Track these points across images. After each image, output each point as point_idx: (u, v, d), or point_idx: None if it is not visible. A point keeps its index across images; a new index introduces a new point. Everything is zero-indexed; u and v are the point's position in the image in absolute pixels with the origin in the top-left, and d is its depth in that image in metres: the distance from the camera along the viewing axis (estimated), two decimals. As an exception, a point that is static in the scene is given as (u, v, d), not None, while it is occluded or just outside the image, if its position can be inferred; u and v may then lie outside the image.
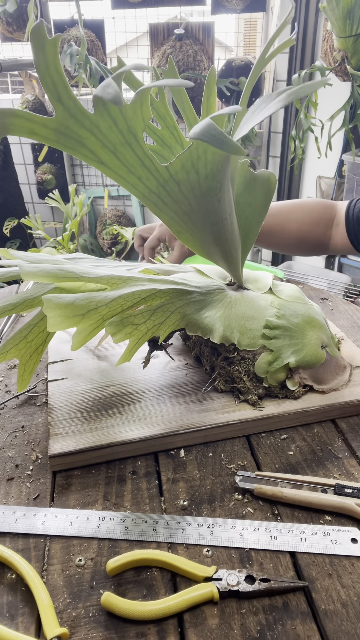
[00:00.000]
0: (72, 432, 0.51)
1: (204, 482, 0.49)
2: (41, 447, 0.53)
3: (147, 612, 0.37)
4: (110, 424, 0.52)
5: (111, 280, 0.51)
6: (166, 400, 0.56)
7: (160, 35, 2.23)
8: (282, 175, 2.32)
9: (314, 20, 1.96)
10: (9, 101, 2.60)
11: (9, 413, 0.58)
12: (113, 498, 0.47)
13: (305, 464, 0.51)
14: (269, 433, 0.55)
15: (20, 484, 0.49)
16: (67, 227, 1.64)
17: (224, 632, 0.37)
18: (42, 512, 0.45)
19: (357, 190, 1.78)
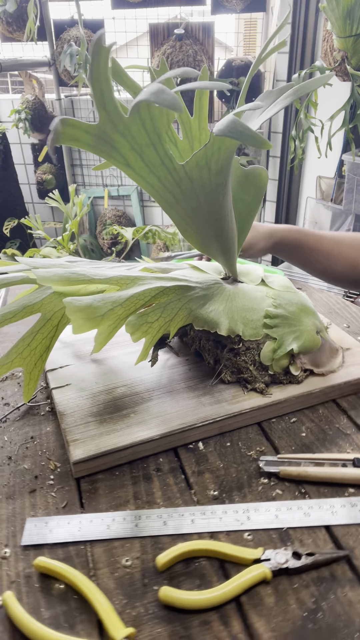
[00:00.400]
0: (90, 437, 0.51)
1: (229, 470, 0.50)
2: (57, 456, 0.52)
3: (207, 600, 0.38)
4: (127, 425, 0.52)
5: (120, 281, 0.52)
6: (176, 396, 0.57)
7: (160, 35, 2.23)
8: (282, 175, 2.32)
9: (314, 20, 1.96)
10: (9, 101, 2.60)
11: (13, 425, 0.56)
12: (144, 497, 0.47)
13: (318, 443, 0.54)
14: (279, 418, 0.57)
15: (45, 494, 0.48)
16: (67, 227, 1.64)
17: (283, 609, 0.38)
18: (76, 519, 0.45)
19: (357, 190, 1.78)
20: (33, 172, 2.69)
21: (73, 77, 2.37)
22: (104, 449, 0.49)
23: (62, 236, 1.66)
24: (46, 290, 0.52)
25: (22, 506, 0.46)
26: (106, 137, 0.44)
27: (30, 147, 2.62)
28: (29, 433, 0.55)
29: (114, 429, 0.52)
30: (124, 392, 0.57)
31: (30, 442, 0.54)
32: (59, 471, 0.50)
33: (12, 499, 0.47)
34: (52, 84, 2.49)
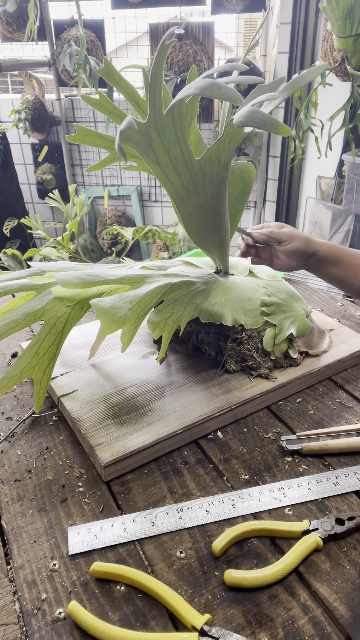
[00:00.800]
0: (114, 439, 0.51)
1: (253, 454, 0.53)
2: (79, 463, 0.51)
3: (270, 575, 0.40)
4: (147, 422, 0.53)
5: (132, 280, 0.53)
6: (187, 390, 0.58)
7: (160, 35, 2.23)
8: (282, 175, 2.32)
9: (314, 20, 1.96)
10: (9, 101, 2.60)
11: (23, 438, 0.55)
12: (179, 490, 0.48)
13: (327, 418, 0.58)
14: (285, 400, 0.61)
15: (78, 502, 0.47)
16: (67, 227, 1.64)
17: (339, 571, 0.41)
18: (118, 520, 0.45)
19: (357, 190, 1.78)
20: (33, 172, 2.69)
21: (73, 77, 2.36)
22: (131, 449, 0.49)
23: (62, 236, 1.66)
24: (46, 296, 0.51)
25: (57, 517, 0.46)
26: (147, 134, 0.45)
27: (30, 147, 2.62)
28: (42, 444, 0.54)
29: (135, 428, 0.52)
30: (134, 392, 0.58)
31: (46, 452, 0.53)
32: (86, 477, 0.50)
33: (45, 511, 0.46)
34: (52, 84, 2.49)
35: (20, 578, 0.40)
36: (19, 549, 0.42)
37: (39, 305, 0.51)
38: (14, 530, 0.44)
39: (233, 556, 0.42)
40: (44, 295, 0.52)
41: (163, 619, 0.38)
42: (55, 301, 0.51)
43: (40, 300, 0.51)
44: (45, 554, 0.42)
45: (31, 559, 0.42)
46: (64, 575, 0.41)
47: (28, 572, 0.40)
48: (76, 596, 0.39)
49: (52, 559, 0.42)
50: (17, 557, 0.42)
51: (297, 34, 2.01)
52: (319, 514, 0.46)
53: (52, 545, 0.43)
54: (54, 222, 2.61)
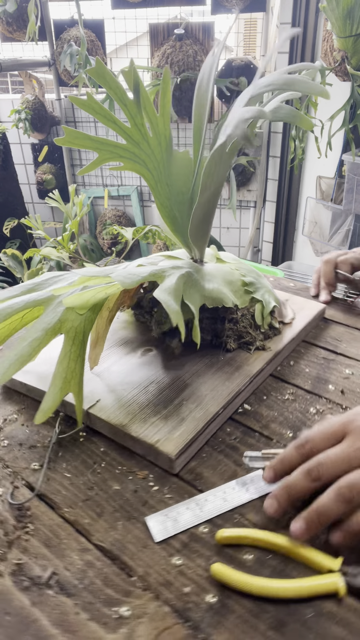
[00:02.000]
0: (168, 432, 0.51)
1: (285, 415, 0.57)
2: (137, 466, 0.50)
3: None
4: (189, 410, 0.54)
5: (156, 275, 0.54)
6: (203, 374, 0.60)
7: (160, 35, 2.23)
8: (282, 175, 2.32)
9: (314, 20, 1.96)
10: (9, 101, 2.60)
11: (62, 462, 0.50)
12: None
13: (322, 372, 0.64)
14: (281, 366, 0.66)
15: (160, 500, 0.46)
16: (67, 227, 1.64)
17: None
18: (201, 497, 0.46)
19: (357, 190, 1.78)
20: (33, 172, 2.69)
21: (73, 77, 2.36)
22: (190, 436, 0.50)
23: (62, 236, 1.66)
24: (57, 308, 0.50)
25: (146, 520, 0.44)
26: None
27: (30, 147, 2.62)
28: (86, 461, 0.50)
29: (180, 418, 0.53)
30: (157, 387, 0.58)
31: (95, 467, 0.50)
32: (152, 477, 0.48)
33: (135, 518, 0.44)
34: (52, 84, 2.50)
35: (153, 584, 0.38)
36: (132, 559, 0.40)
37: (55, 319, 0.49)
38: (115, 544, 0.42)
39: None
40: (54, 308, 0.50)
41: (303, 570, 0.38)
42: (68, 312, 0.49)
43: (53, 314, 0.49)
44: (161, 554, 0.41)
45: (149, 563, 0.40)
46: (191, 565, 0.40)
47: (156, 577, 0.39)
48: (210, 576, 0.39)
49: (170, 556, 0.41)
50: (137, 568, 0.40)
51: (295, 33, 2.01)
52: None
53: (162, 544, 0.42)
54: (54, 222, 2.61)
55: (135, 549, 0.41)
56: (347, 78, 1.58)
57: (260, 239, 2.60)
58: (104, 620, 0.36)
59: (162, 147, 0.61)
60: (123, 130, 0.60)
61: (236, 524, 0.43)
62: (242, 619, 0.36)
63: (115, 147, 0.60)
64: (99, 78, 0.56)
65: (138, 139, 0.60)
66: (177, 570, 0.39)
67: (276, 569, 0.39)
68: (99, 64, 0.56)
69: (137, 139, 0.60)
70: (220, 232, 2.70)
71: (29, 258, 2.06)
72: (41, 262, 2.01)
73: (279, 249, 2.51)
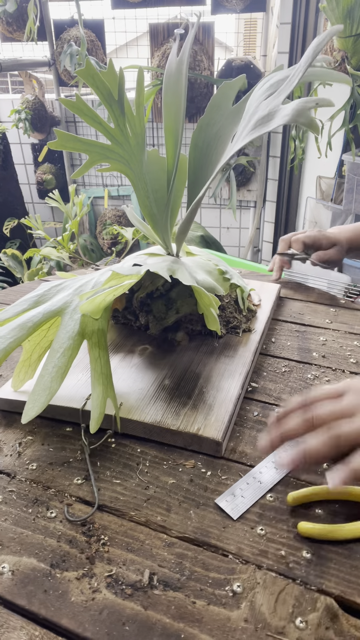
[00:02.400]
0: (204, 420, 0.52)
1: (291, 385, 0.61)
2: (182, 458, 0.50)
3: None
4: (211, 396, 0.56)
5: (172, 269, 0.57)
6: (208, 362, 0.63)
7: (160, 35, 2.23)
8: (282, 175, 2.33)
9: (314, 20, 1.96)
10: (9, 101, 2.60)
11: (104, 471, 0.49)
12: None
13: (303, 343, 0.70)
14: (265, 344, 0.71)
15: (219, 482, 0.47)
16: (67, 227, 1.64)
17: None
18: (258, 469, 0.49)
19: (357, 190, 1.78)
20: (33, 172, 2.69)
21: (73, 77, 2.37)
22: (225, 418, 0.52)
23: (62, 236, 1.66)
24: (74, 316, 0.50)
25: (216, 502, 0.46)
26: None
27: (30, 147, 2.62)
28: (128, 464, 0.50)
29: (208, 405, 0.54)
30: (172, 382, 0.59)
31: (140, 467, 0.49)
32: (201, 464, 0.50)
33: (203, 504, 0.45)
34: (52, 84, 2.50)
35: (250, 557, 0.40)
36: (220, 541, 0.42)
37: (76, 326, 0.49)
38: (197, 531, 0.42)
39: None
40: (70, 316, 0.50)
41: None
42: (85, 318, 0.50)
43: (72, 322, 0.50)
44: (243, 528, 0.43)
45: (237, 540, 0.42)
46: (274, 531, 0.42)
47: (249, 550, 0.41)
48: (296, 535, 0.42)
49: (253, 528, 0.42)
50: (228, 547, 0.41)
51: (297, 34, 2.01)
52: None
53: (240, 520, 0.43)
54: (54, 222, 2.61)
55: (218, 531, 0.42)
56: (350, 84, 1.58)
57: (260, 239, 2.60)
58: (222, 601, 0.37)
59: (138, 146, 0.62)
60: (107, 130, 0.61)
61: (295, 487, 0.46)
62: (340, 563, 0.39)
63: (102, 148, 0.61)
64: (87, 78, 0.57)
65: (120, 139, 0.61)
66: (265, 539, 0.42)
67: (349, 515, 0.43)
68: (88, 64, 0.56)
69: (119, 140, 0.61)
70: (220, 232, 2.70)
71: (29, 258, 2.06)
72: (41, 262, 2.01)
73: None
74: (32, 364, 0.55)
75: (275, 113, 0.50)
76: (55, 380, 0.45)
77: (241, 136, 0.55)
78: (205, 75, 2.21)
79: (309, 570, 0.39)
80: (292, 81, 0.51)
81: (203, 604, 0.37)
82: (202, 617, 0.36)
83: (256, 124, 0.53)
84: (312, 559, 0.40)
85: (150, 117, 2.39)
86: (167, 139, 0.64)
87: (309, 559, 0.40)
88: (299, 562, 0.40)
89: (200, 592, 0.38)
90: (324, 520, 0.43)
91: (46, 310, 0.50)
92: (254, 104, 0.57)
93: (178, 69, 0.61)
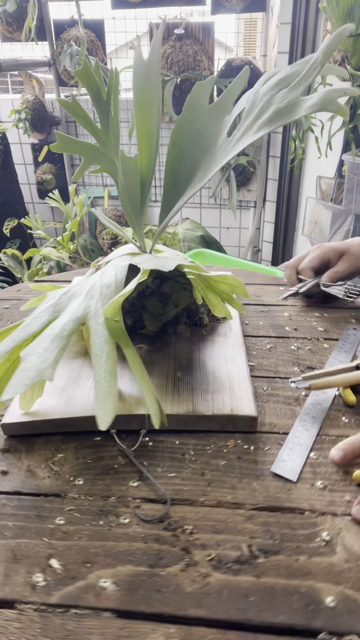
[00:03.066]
0: (231, 400, 0.55)
1: (285, 357, 0.65)
2: (223, 439, 0.53)
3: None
4: (227, 378, 0.59)
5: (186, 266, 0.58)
6: (206, 349, 0.65)
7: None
8: (282, 175, 2.33)
9: (314, 20, 1.96)
10: (9, 101, 2.60)
11: (156, 467, 0.49)
12: (298, 401, 0.59)
13: (271, 320, 0.75)
14: (242, 324, 0.74)
15: (263, 455, 0.51)
16: (67, 227, 1.64)
17: None
18: (293, 434, 0.54)
19: (357, 190, 1.78)
20: (33, 172, 2.69)
21: (73, 77, 2.37)
22: (251, 395, 0.55)
23: (62, 236, 1.66)
24: (99, 319, 0.50)
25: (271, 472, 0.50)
26: None
27: (30, 147, 2.62)
28: (173, 457, 0.50)
29: (228, 386, 0.57)
30: (183, 373, 0.60)
31: (186, 457, 0.50)
32: (240, 441, 0.52)
33: (262, 476, 0.48)
34: (52, 84, 2.50)
35: (322, 509, 0.44)
36: (291, 502, 0.45)
37: (106, 330, 0.49)
38: (267, 500, 0.46)
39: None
40: (96, 320, 0.50)
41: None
42: (107, 321, 0.50)
43: (100, 326, 0.50)
44: (305, 487, 0.46)
45: (306, 498, 0.45)
46: (332, 482, 0.47)
47: (319, 503, 0.45)
48: (351, 482, 0.46)
49: (312, 485, 0.46)
50: (301, 505, 0.45)
51: (297, 34, 2.01)
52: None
53: (299, 481, 0.47)
54: (54, 222, 2.61)
55: (285, 494, 0.46)
56: (347, 78, 1.58)
57: (260, 239, 2.60)
58: (319, 551, 0.40)
59: (115, 146, 0.63)
60: (95, 131, 0.61)
61: (330, 442, 0.52)
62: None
63: (93, 149, 0.62)
64: (83, 79, 0.58)
65: (105, 140, 0.62)
66: (328, 490, 0.46)
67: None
68: (84, 65, 0.57)
69: (105, 140, 0.62)
70: (220, 232, 2.70)
71: (29, 258, 2.06)
72: (41, 262, 2.01)
73: (279, 249, 2.51)
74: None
75: (299, 103, 0.52)
76: (112, 384, 0.45)
77: (252, 129, 0.56)
78: (205, 75, 2.21)
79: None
80: (308, 75, 0.52)
81: (305, 558, 0.40)
82: (309, 569, 0.39)
83: (275, 115, 0.53)
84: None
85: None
86: (140, 140, 0.63)
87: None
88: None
89: (297, 549, 0.41)
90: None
91: (73, 318, 0.50)
92: (260, 98, 0.57)
93: (147, 69, 0.61)
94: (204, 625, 0.36)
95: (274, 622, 0.36)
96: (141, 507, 0.45)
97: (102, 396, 0.45)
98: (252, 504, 0.45)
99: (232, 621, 0.36)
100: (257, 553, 0.40)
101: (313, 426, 0.54)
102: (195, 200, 2.64)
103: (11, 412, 0.55)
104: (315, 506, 0.44)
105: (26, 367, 0.44)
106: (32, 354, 0.45)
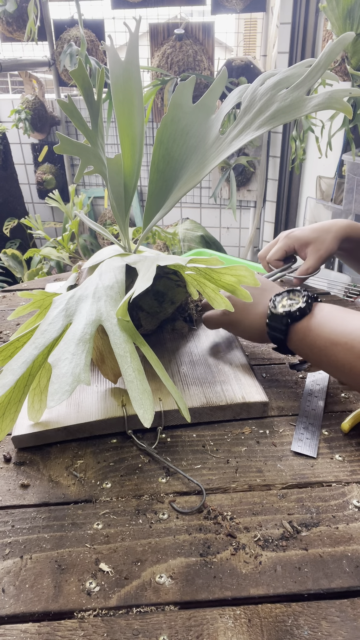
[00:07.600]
0: (240, 388, 0.58)
1: (270, 346, 0.67)
2: (237, 427, 0.55)
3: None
4: (230, 368, 0.61)
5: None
6: (201, 343, 0.67)
7: (160, 35, 2.23)
8: (282, 175, 2.32)
9: (314, 20, 1.96)
10: (9, 101, 2.60)
11: (180, 460, 0.50)
12: (301, 387, 0.61)
13: None
14: None
15: (280, 436, 0.53)
16: (67, 227, 1.64)
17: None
18: (302, 415, 0.57)
19: (357, 190, 1.78)
20: (33, 172, 2.69)
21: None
22: (256, 382, 0.58)
23: (62, 236, 1.66)
24: (112, 320, 0.49)
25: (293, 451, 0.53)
26: None
27: (30, 147, 2.62)
28: (194, 449, 0.51)
29: (233, 376, 0.60)
30: (187, 368, 0.62)
31: (207, 448, 0.51)
32: (255, 427, 0.55)
33: (283, 457, 0.51)
34: (52, 84, 2.50)
35: (347, 477, 0.48)
36: (316, 476, 0.48)
37: (122, 333, 0.49)
38: (295, 477, 0.48)
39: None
40: (110, 322, 0.50)
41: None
42: (120, 322, 0.49)
43: (115, 327, 0.50)
44: (325, 460, 0.50)
45: (329, 470, 0.49)
46: (347, 453, 0.51)
47: (343, 474, 0.48)
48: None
49: (332, 459, 0.50)
50: (327, 477, 0.48)
51: (297, 34, 2.01)
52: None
53: (319, 456, 0.51)
54: (54, 222, 2.61)
55: (310, 471, 0.49)
56: (347, 78, 1.58)
57: (260, 239, 2.60)
58: (355, 516, 0.44)
59: (102, 146, 0.64)
60: (87, 132, 0.62)
61: (338, 417, 0.55)
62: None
63: (87, 150, 0.62)
64: (77, 79, 0.59)
65: (95, 140, 0.63)
66: (347, 461, 0.49)
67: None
68: (80, 65, 0.58)
69: (94, 141, 0.63)
70: (220, 232, 2.70)
71: (29, 258, 2.06)
72: (41, 262, 2.01)
73: (279, 249, 2.51)
74: (43, 390, 0.53)
75: (303, 102, 0.53)
76: (144, 382, 0.45)
77: (252, 126, 0.56)
78: (205, 75, 2.21)
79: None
80: (312, 77, 0.53)
81: (343, 525, 0.43)
82: (350, 535, 0.42)
83: (277, 113, 0.54)
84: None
85: (151, 117, 2.39)
86: (122, 140, 0.63)
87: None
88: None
89: (334, 518, 0.43)
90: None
91: (90, 321, 0.49)
92: (260, 97, 0.57)
93: (126, 69, 0.61)
94: (268, 602, 0.37)
95: (332, 587, 0.38)
96: (176, 501, 0.46)
97: (137, 395, 0.45)
98: (281, 483, 0.47)
99: (293, 594, 0.37)
100: (299, 527, 0.43)
101: (318, 405, 0.57)
102: (195, 200, 2.64)
103: (21, 424, 0.53)
104: (339, 477, 0.47)
105: (60, 373, 0.44)
106: (61, 360, 0.45)
